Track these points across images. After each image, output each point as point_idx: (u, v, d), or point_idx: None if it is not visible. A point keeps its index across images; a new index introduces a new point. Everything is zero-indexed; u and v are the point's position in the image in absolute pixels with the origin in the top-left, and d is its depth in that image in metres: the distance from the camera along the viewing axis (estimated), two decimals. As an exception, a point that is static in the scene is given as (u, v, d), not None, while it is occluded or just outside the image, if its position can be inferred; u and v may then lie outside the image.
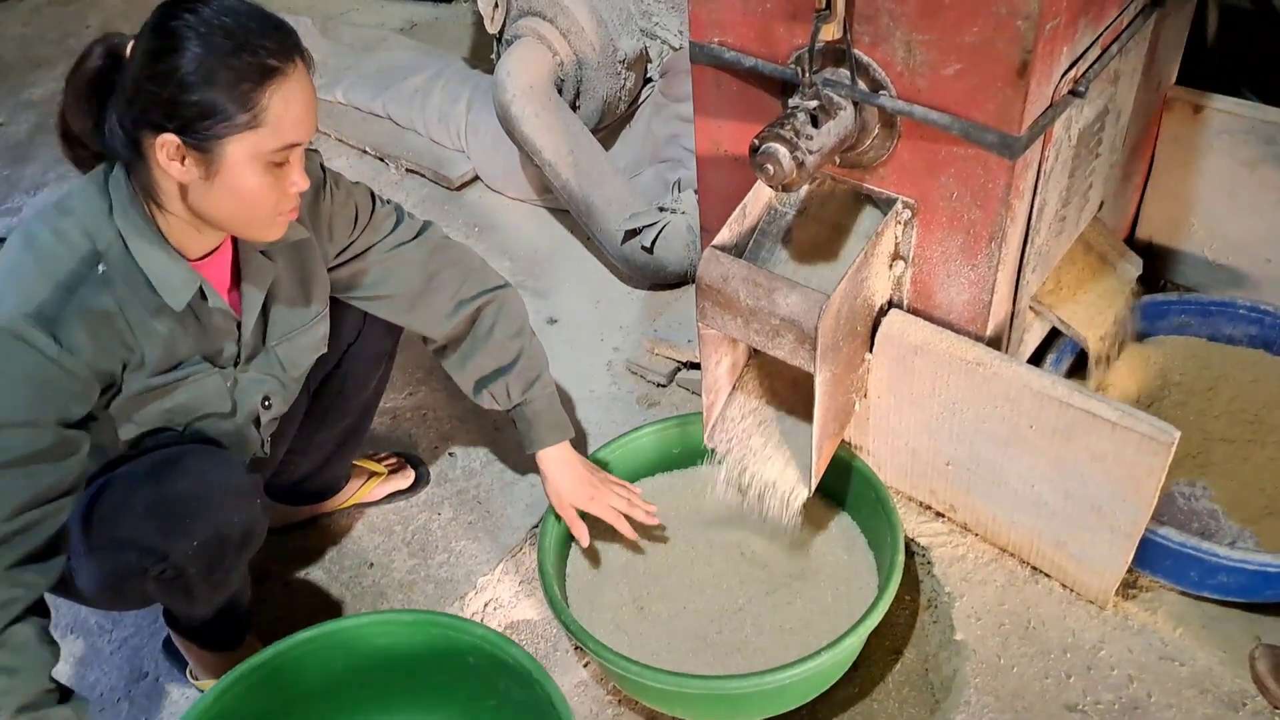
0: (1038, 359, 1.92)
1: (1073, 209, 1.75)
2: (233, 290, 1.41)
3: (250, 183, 1.22)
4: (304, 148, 1.27)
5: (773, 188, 1.45)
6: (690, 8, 1.62)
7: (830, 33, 1.43)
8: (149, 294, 1.29)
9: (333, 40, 3.40)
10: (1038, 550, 1.71)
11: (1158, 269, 2.18)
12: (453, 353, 1.67)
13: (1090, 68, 1.51)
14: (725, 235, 1.57)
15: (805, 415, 1.66)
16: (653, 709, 1.59)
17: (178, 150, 1.19)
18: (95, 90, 1.23)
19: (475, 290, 1.63)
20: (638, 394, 2.19)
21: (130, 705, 1.71)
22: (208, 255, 1.35)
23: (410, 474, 2.01)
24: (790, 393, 1.73)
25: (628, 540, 1.72)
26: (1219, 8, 2.15)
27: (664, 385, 2.20)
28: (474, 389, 1.68)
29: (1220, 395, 1.91)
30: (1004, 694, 1.58)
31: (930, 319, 1.65)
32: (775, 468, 1.66)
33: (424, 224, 1.62)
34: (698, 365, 1.79)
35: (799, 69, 1.47)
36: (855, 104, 1.49)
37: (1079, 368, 1.91)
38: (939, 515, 1.85)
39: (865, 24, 1.44)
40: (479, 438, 2.12)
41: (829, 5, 1.40)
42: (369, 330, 1.70)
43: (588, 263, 2.58)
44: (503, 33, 2.70)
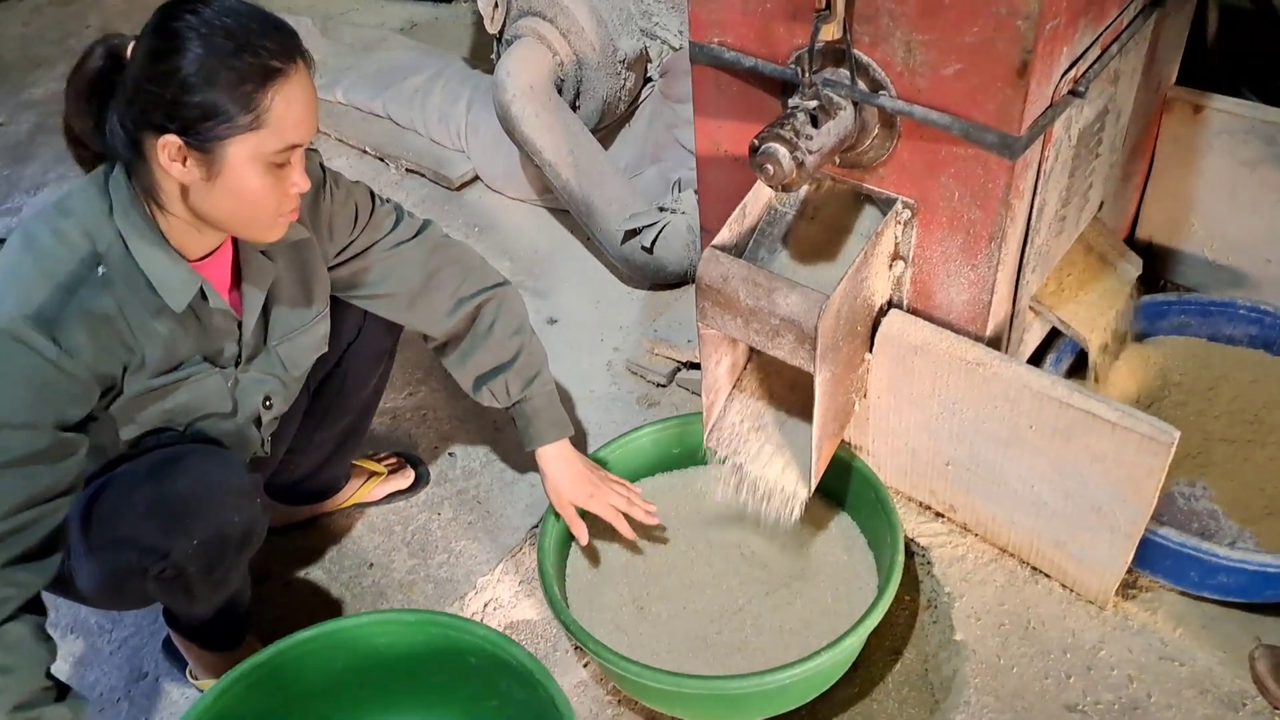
0: (1038, 359, 1.92)
1: (1073, 209, 1.75)
2: (233, 290, 1.41)
3: (251, 184, 1.23)
4: (305, 148, 1.27)
5: (772, 188, 1.45)
6: (690, 8, 1.63)
7: (830, 33, 1.43)
8: (149, 295, 1.29)
9: (333, 40, 3.40)
10: (1037, 550, 1.71)
11: (1158, 269, 2.18)
12: (453, 350, 1.68)
13: (1090, 68, 1.51)
14: (725, 235, 1.57)
15: (805, 415, 1.66)
16: (653, 709, 1.59)
17: (179, 151, 1.19)
18: (96, 91, 1.23)
19: (475, 288, 1.63)
20: (638, 394, 2.19)
21: (130, 705, 1.71)
22: (208, 256, 1.35)
23: (410, 474, 2.01)
24: (790, 393, 1.73)
25: (627, 540, 1.73)
26: (1219, 8, 2.14)
27: (664, 385, 2.20)
28: (474, 386, 1.68)
29: (1220, 395, 1.91)
30: (1004, 694, 1.58)
31: (930, 319, 1.65)
32: (775, 468, 1.66)
33: (424, 223, 1.63)
34: (698, 365, 1.79)
35: (799, 69, 1.47)
36: (855, 104, 1.49)
37: (1079, 368, 1.91)
38: (939, 515, 1.85)
39: (865, 24, 1.44)
40: (479, 438, 2.12)
41: (829, 5, 1.40)
42: (369, 329, 1.70)
43: (588, 263, 2.58)
44: (503, 33, 2.70)
